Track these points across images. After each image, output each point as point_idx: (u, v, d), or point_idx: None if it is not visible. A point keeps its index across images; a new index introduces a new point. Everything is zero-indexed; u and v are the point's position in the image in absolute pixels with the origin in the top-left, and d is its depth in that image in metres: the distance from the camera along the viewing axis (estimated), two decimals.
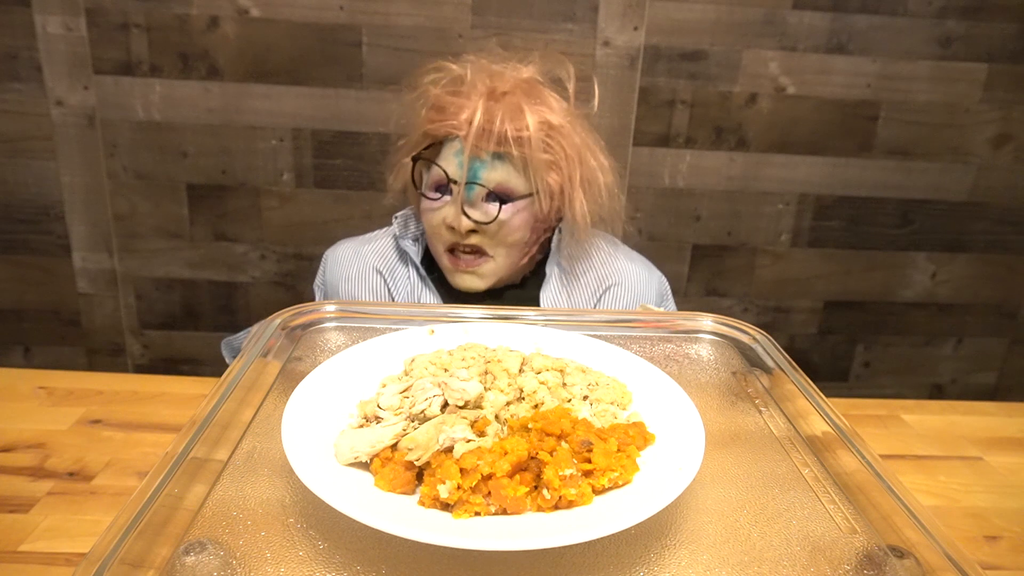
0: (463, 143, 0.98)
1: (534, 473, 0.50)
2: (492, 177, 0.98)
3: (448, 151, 1.00)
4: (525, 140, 0.96)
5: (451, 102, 0.99)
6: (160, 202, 1.63)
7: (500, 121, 0.96)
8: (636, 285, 1.09)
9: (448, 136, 1.00)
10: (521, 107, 0.97)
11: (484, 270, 1.02)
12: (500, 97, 0.98)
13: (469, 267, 1.02)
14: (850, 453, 0.58)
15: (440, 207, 1.00)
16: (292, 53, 1.54)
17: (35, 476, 0.86)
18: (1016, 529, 0.87)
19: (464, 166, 0.97)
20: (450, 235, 1.01)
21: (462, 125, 0.97)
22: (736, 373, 0.72)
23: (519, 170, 0.99)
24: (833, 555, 0.48)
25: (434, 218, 1.01)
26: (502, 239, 1.01)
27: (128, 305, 1.71)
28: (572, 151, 1.00)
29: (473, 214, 0.99)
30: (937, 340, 1.87)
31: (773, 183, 1.70)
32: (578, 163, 1.01)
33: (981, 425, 1.08)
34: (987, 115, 1.68)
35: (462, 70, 1.02)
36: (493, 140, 0.96)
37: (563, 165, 1.00)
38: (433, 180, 1.01)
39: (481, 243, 1.00)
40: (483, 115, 0.96)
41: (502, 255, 1.02)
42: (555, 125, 0.99)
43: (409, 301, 1.04)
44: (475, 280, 1.03)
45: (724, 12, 1.56)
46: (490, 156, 0.98)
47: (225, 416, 0.58)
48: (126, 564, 0.43)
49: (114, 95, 1.54)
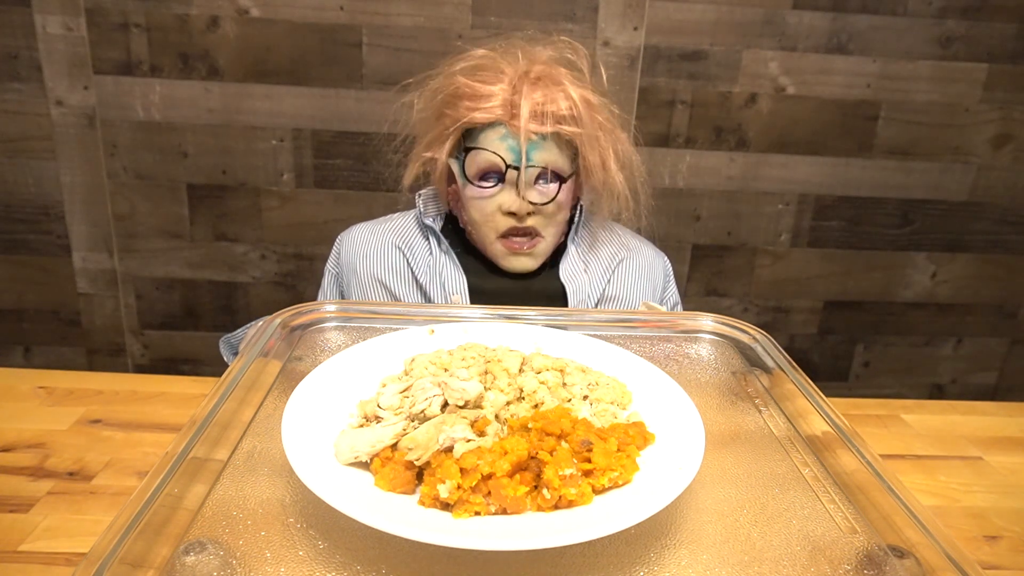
0: (509, 127, 0.97)
1: (534, 473, 0.50)
2: (545, 158, 0.99)
3: (492, 137, 0.99)
4: (575, 117, 0.97)
5: (487, 88, 0.98)
6: (160, 202, 1.63)
7: (546, 101, 0.96)
8: (645, 261, 1.12)
9: (488, 123, 0.99)
10: (563, 85, 0.98)
11: (538, 250, 1.03)
12: (536, 79, 0.98)
13: (525, 249, 1.02)
14: (850, 453, 0.58)
15: (494, 194, 1.00)
16: (292, 53, 1.54)
17: (35, 476, 0.86)
18: (1016, 529, 0.87)
19: (521, 149, 0.97)
20: (507, 220, 1.00)
21: (502, 109, 0.97)
22: (736, 373, 0.72)
23: (562, 149, 1.00)
24: (833, 555, 0.48)
25: (487, 206, 1.00)
26: (554, 218, 1.02)
27: (128, 305, 1.71)
28: (610, 126, 1.02)
29: (532, 196, 0.99)
30: (937, 340, 1.87)
31: (773, 183, 1.70)
32: (614, 138, 1.02)
33: (981, 425, 1.08)
34: (987, 115, 1.68)
35: (490, 56, 1.01)
36: (546, 120, 0.96)
37: (602, 140, 1.01)
38: (481, 168, 1.00)
39: (536, 224, 1.01)
40: (527, 98, 0.96)
41: (552, 234, 1.03)
42: (593, 102, 1.00)
43: (430, 275, 1.04)
44: (529, 261, 1.03)
45: (724, 12, 1.56)
46: (540, 137, 0.98)
47: (225, 416, 0.58)
48: (126, 564, 0.43)
49: (114, 95, 1.54)
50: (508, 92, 0.98)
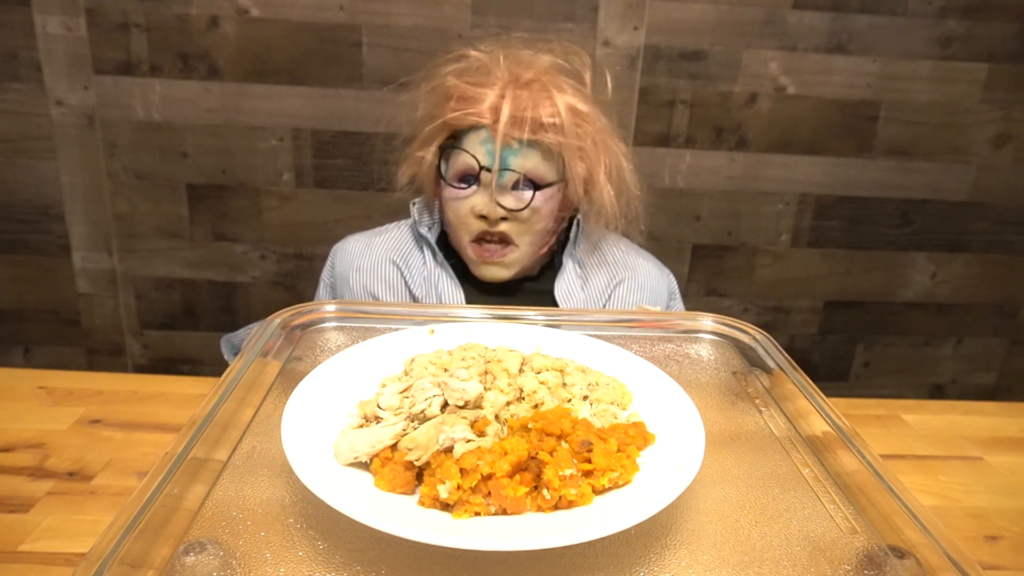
0: (490, 131, 0.97)
1: (534, 473, 0.50)
2: (523, 164, 0.98)
3: (474, 139, 0.98)
4: (556, 126, 0.96)
5: (475, 91, 0.98)
6: (160, 202, 1.63)
7: (530, 108, 0.95)
8: (648, 281, 1.10)
9: (473, 125, 0.98)
10: (550, 93, 0.96)
11: (510, 259, 1.02)
12: (526, 84, 0.97)
13: (495, 257, 1.01)
14: (850, 453, 0.58)
15: (468, 196, 0.99)
16: (292, 53, 1.54)
17: (35, 476, 0.86)
18: (1016, 529, 0.87)
19: (496, 154, 0.96)
20: (479, 224, 1.00)
21: (488, 113, 0.96)
22: (736, 373, 0.72)
23: (547, 157, 0.98)
24: (833, 555, 0.48)
25: (461, 207, 1.00)
26: (530, 227, 1.00)
27: (128, 305, 1.71)
28: (599, 137, 1.00)
29: (506, 201, 0.98)
30: (937, 340, 1.87)
31: (773, 183, 1.70)
32: (604, 149, 1.01)
33: (981, 425, 1.08)
34: (987, 115, 1.67)
35: (483, 58, 1.00)
36: (524, 127, 0.95)
37: (591, 152, 0.99)
38: (459, 169, 0.99)
39: (509, 231, 1.00)
40: (511, 102, 0.95)
41: (527, 243, 1.02)
42: (582, 111, 0.98)
43: (426, 288, 1.03)
44: (500, 270, 1.02)
45: (724, 12, 1.56)
46: (520, 143, 0.97)
47: (225, 416, 0.58)
48: (126, 564, 0.43)
49: (114, 95, 1.54)
50: (496, 96, 0.96)
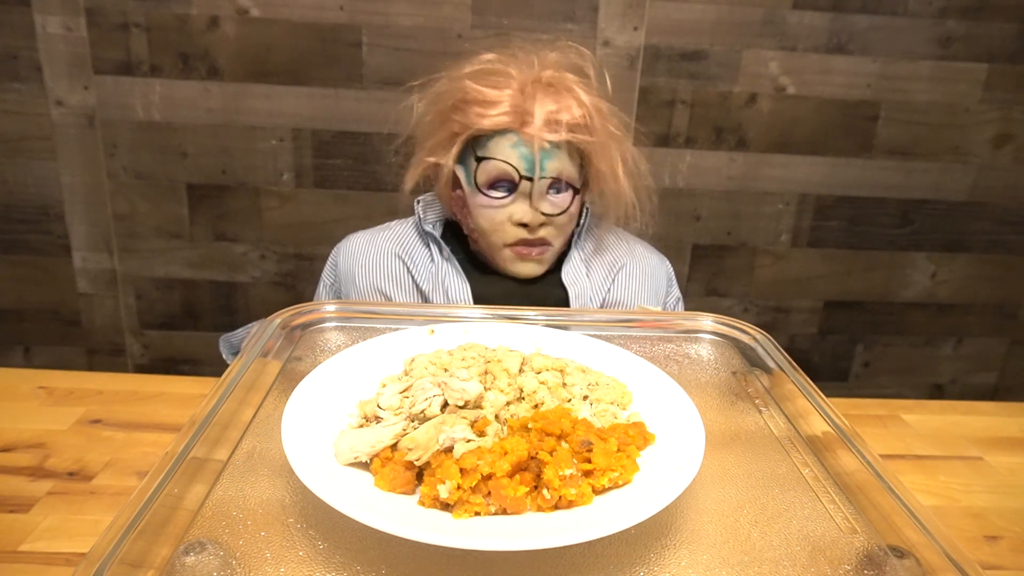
0: (521, 135, 0.95)
1: (534, 473, 0.50)
2: (556, 167, 0.97)
3: (504, 144, 0.96)
4: (585, 126, 0.96)
5: (494, 93, 0.96)
6: (160, 202, 1.63)
7: (561, 109, 0.95)
8: (647, 265, 1.11)
9: (497, 129, 0.96)
10: (574, 92, 0.96)
11: (547, 257, 1.02)
12: (547, 85, 0.96)
13: (534, 255, 1.01)
14: (850, 453, 0.58)
15: (505, 204, 0.98)
16: (292, 53, 1.54)
17: (35, 476, 0.86)
18: (1016, 529, 0.87)
19: (534, 159, 0.95)
20: (517, 231, 0.98)
21: (515, 115, 0.95)
22: (736, 373, 0.72)
23: (572, 157, 0.99)
24: (833, 555, 0.48)
25: (497, 216, 0.98)
26: (564, 228, 1.01)
27: (128, 305, 1.71)
28: (620, 134, 1.01)
29: (545, 207, 0.98)
30: (937, 340, 1.87)
31: (773, 183, 1.70)
32: (623, 146, 1.01)
33: (981, 425, 1.08)
34: (987, 115, 1.67)
35: (494, 59, 0.99)
36: (560, 129, 0.94)
37: (613, 150, 1.00)
38: (492, 176, 0.97)
39: (547, 235, 1.00)
40: (540, 105, 0.94)
41: (559, 242, 1.02)
42: (604, 110, 0.99)
43: (432, 283, 1.03)
44: (537, 267, 1.02)
45: (724, 12, 1.56)
46: (553, 145, 0.96)
47: (225, 416, 0.58)
48: (126, 564, 0.43)
49: (114, 95, 1.54)
50: (518, 98, 0.95)
